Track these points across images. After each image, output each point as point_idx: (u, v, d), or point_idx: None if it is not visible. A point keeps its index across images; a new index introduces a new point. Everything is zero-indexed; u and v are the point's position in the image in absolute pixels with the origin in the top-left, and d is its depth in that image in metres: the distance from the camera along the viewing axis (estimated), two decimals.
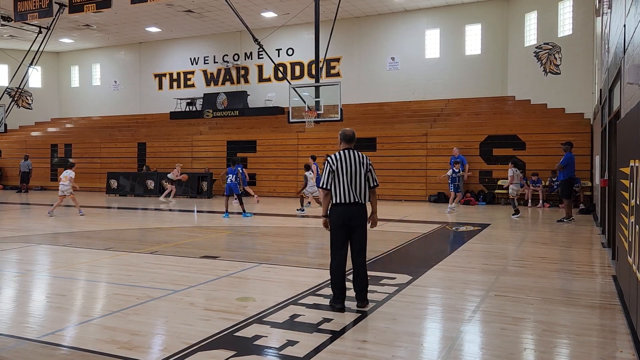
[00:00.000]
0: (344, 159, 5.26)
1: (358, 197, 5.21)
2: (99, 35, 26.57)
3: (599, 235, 10.33)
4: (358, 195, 5.21)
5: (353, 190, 5.20)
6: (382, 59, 22.83)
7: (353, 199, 5.19)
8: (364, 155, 5.37)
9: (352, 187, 5.20)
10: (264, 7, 21.54)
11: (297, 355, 3.98)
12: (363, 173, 5.25)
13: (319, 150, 20.39)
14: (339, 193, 5.20)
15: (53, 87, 30.90)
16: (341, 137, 5.46)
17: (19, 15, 18.56)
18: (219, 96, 25.09)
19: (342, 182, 5.20)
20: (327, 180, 5.27)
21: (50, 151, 26.46)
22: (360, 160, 5.29)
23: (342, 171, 5.21)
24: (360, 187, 5.23)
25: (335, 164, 5.27)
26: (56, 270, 7.27)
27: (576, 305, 5.36)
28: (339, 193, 5.20)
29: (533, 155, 17.18)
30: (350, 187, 5.19)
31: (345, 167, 5.22)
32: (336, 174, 5.23)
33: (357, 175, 5.23)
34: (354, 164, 5.25)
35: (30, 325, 4.81)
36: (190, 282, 6.32)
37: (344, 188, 5.19)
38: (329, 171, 5.27)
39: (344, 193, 5.19)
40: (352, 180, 5.20)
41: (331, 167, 5.27)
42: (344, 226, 5.18)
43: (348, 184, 5.19)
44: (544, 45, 18.86)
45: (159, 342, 4.40)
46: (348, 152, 5.32)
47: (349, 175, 5.20)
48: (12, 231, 10.90)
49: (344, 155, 5.30)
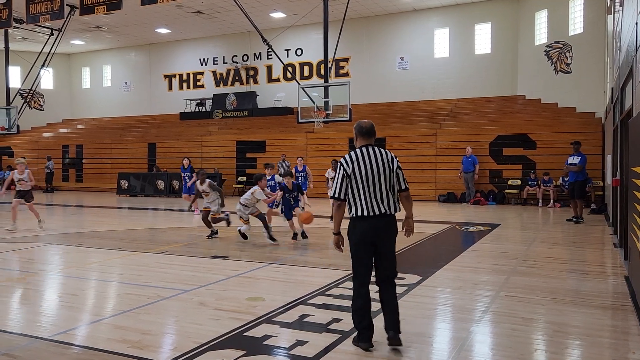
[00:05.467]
0: (363, 159, 4.08)
1: (385, 206, 4.07)
2: (110, 36, 26.77)
3: (610, 236, 10.24)
4: (385, 204, 4.07)
5: (378, 198, 4.05)
6: (391, 59, 22.78)
7: (378, 209, 4.05)
8: (388, 152, 4.19)
9: (375, 194, 4.05)
10: (273, 8, 21.58)
11: (307, 355, 3.98)
12: (389, 175, 4.10)
13: (328, 150, 20.42)
14: (359, 203, 4.05)
15: (64, 88, 31.18)
16: (357, 131, 4.23)
17: (31, 18, 18.76)
18: (228, 97, 25.17)
19: (361, 188, 4.05)
20: (340, 188, 4.08)
21: (61, 152, 26.71)
22: (385, 159, 4.12)
23: (360, 175, 4.05)
24: (386, 193, 4.08)
25: (350, 166, 4.07)
26: (68, 270, 7.33)
27: (588, 306, 5.31)
28: (359, 203, 4.05)
29: (544, 154, 17.05)
30: (373, 194, 4.05)
31: (364, 170, 4.06)
32: (353, 179, 4.06)
33: (382, 178, 4.07)
34: (376, 164, 4.08)
35: (42, 324, 4.86)
36: (200, 282, 6.35)
37: (366, 196, 4.04)
38: (342, 176, 4.08)
39: (366, 203, 4.04)
40: (375, 186, 4.05)
41: (345, 170, 4.07)
42: (368, 245, 4.09)
43: (370, 190, 4.05)
44: (555, 43, 18.71)
45: (169, 341, 4.42)
46: (367, 150, 4.13)
47: (371, 179, 4.05)
48: (24, 231, 11.01)
49: (361, 154, 4.11)
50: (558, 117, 18.09)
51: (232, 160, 22.36)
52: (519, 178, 17.28)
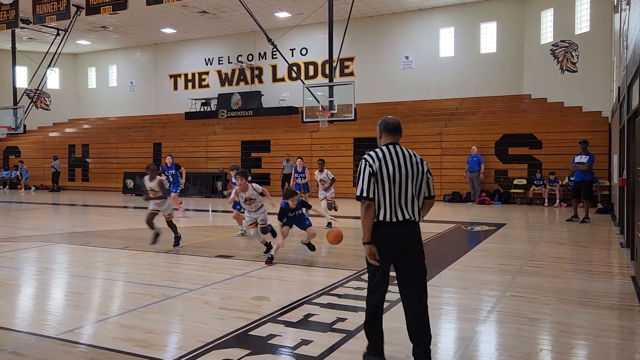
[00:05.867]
0: (391, 158, 3.68)
1: (410, 212, 3.66)
2: (116, 36, 26.87)
3: (617, 235, 10.18)
4: (410, 209, 3.66)
5: (403, 202, 3.65)
6: (396, 58, 22.75)
7: (402, 215, 3.63)
8: (416, 153, 3.83)
9: (401, 198, 3.64)
10: (278, 7, 21.59)
11: (312, 355, 3.99)
12: (418, 178, 3.70)
13: (332, 150, 20.42)
14: (383, 207, 3.63)
15: (71, 88, 31.32)
16: (382, 128, 3.86)
17: (37, 18, 18.84)
18: (233, 96, 25.21)
19: (387, 190, 3.63)
20: (368, 186, 3.61)
21: (68, 151, 26.84)
22: (414, 160, 3.72)
23: (388, 175, 3.63)
24: (412, 198, 3.68)
25: (376, 163, 3.65)
26: (74, 269, 7.37)
27: (594, 306, 5.29)
28: (383, 207, 3.63)
29: (550, 154, 16.98)
30: (398, 198, 3.64)
31: (392, 170, 3.64)
32: (379, 179, 3.63)
33: (411, 182, 3.67)
34: (404, 164, 3.68)
35: (49, 323, 4.89)
36: (205, 281, 6.36)
37: (391, 200, 3.63)
38: (368, 173, 3.63)
39: (390, 207, 3.62)
40: (402, 189, 3.65)
41: (371, 168, 3.63)
42: (389, 254, 3.68)
43: (396, 193, 3.63)
44: (561, 42, 18.63)
45: (174, 340, 4.44)
46: (394, 149, 3.74)
47: (398, 180, 3.64)
48: (31, 230, 11.08)
49: (389, 152, 3.71)
50: (564, 117, 18.01)
51: (237, 159, 22.37)
52: (524, 178, 17.22)
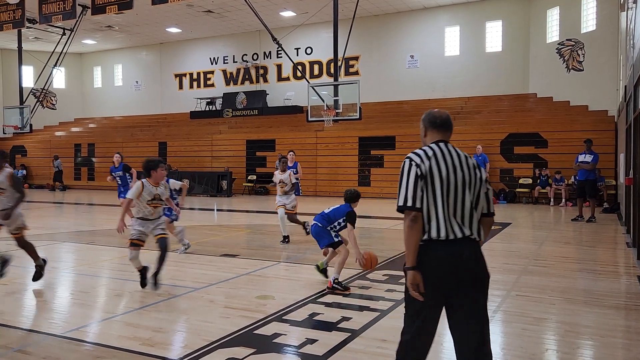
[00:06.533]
0: (443, 157, 2.82)
1: (470, 229, 2.79)
2: (121, 36, 26.95)
3: (623, 235, 10.13)
4: (469, 225, 2.79)
5: (459, 215, 2.78)
6: (401, 57, 22.71)
7: (461, 231, 2.76)
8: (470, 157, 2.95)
9: (456, 209, 2.78)
10: (283, 7, 21.60)
11: (316, 354, 3.99)
12: (476, 186, 2.84)
13: (337, 149, 20.41)
14: (435, 219, 2.75)
15: (76, 87, 31.45)
16: (428, 123, 2.97)
17: (43, 18, 18.93)
18: (238, 95, 25.24)
19: (439, 199, 2.76)
20: (414, 193, 2.73)
21: (73, 151, 26.95)
22: (470, 164, 2.87)
23: (440, 178, 2.77)
24: (470, 210, 2.81)
25: (425, 163, 2.79)
26: (80, 268, 7.41)
27: (600, 306, 5.26)
28: (435, 219, 2.75)
29: (555, 153, 16.91)
30: (453, 209, 2.78)
31: (445, 172, 2.79)
32: (429, 183, 2.77)
33: (468, 190, 2.82)
34: (462, 168, 2.83)
35: (55, 321, 4.91)
36: (210, 280, 6.37)
37: (444, 211, 2.76)
38: (415, 176, 2.76)
39: (445, 220, 2.75)
40: (458, 198, 2.79)
41: (419, 168, 2.77)
42: (442, 284, 2.75)
43: (451, 203, 2.78)
44: (567, 41, 18.54)
45: (180, 339, 4.45)
46: (446, 148, 2.88)
47: (453, 187, 2.78)
48: (37, 229, 11.13)
49: (440, 151, 2.84)
50: (570, 116, 17.93)
51: (242, 159, 22.42)
52: (530, 177, 17.16)
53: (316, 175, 20.66)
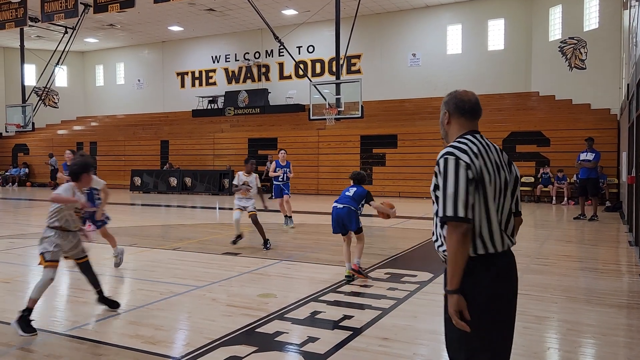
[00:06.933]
0: (487, 154, 2.40)
1: (510, 238, 2.44)
2: (123, 34, 26.97)
3: (625, 234, 10.11)
4: (510, 233, 2.44)
5: (505, 221, 2.41)
6: (403, 55, 22.68)
7: (509, 241, 2.43)
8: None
9: (502, 216, 2.40)
10: (285, 5, 21.58)
11: (318, 352, 3.99)
12: (514, 186, 2.48)
13: (339, 147, 20.40)
14: (488, 231, 2.34)
15: (78, 86, 31.49)
16: (454, 107, 2.63)
17: (45, 16, 18.96)
18: (240, 94, 25.25)
19: (491, 206, 2.35)
20: (466, 199, 2.27)
21: (76, 149, 26.96)
22: (508, 161, 2.52)
23: (490, 182, 2.35)
24: (510, 215, 2.45)
25: (476, 161, 2.33)
26: None
27: (602, 305, 5.26)
28: (488, 231, 2.34)
29: (558, 151, 16.89)
30: (500, 216, 2.39)
31: (493, 174, 2.37)
32: (480, 189, 2.32)
33: (509, 191, 2.45)
34: (502, 165, 2.45)
35: (57, 319, 4.93)
36: (212, 278, 6.38)
37: (494, 219, 2.36)
38: (466, 179, 2.28)
39: (495, 231, 2.36)
40: (503, 202, 2.41)
41: (470, 171, 2.30)
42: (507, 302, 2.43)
43: (499, 210, 2.39)
44: (569, 39, 18.50)
45: (181, 337, 4.46)
46: (484, 140, 2.47)
47: (499, 190, 2.39)
48: (40, 227, 11.15)
49: (482, 146, 2.41)
50: (572, 114, 17.90)
51: (244, 157, 22.38)
52: (532, 175, 17.13)
53: (318, 174, 20.67)
